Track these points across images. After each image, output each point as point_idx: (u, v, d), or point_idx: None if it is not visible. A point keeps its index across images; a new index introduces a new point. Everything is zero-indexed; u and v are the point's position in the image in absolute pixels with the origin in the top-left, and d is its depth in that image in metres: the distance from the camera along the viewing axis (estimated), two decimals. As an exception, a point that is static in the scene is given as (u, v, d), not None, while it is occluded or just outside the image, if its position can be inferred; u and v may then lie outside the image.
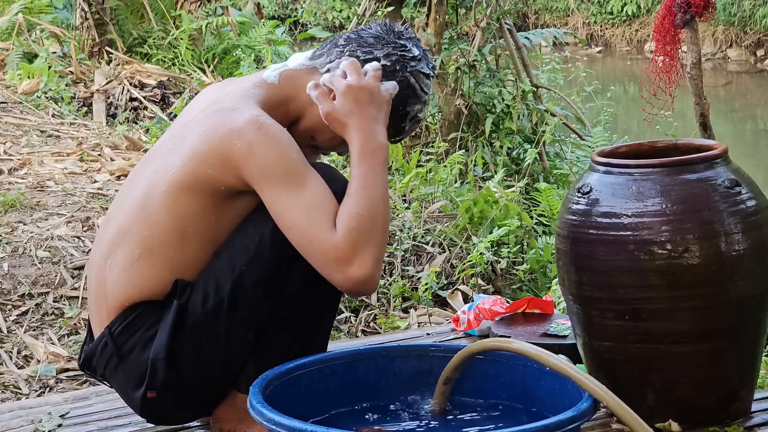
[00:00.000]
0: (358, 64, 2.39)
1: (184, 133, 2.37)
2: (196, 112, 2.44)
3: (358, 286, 2.24)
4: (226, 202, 2.31)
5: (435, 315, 4.03)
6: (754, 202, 2.34)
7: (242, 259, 2.30)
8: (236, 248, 2.31)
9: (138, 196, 2.37)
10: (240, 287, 2.30)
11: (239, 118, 2.29)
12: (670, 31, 3.80)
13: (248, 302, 2.31)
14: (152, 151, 2.47)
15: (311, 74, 2.44)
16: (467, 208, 4.65)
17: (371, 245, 2.24)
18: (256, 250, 2.30)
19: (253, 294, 2.30)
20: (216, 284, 2.30)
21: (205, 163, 2.29)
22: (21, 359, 3.59)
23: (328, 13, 19.28)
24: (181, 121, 2.49)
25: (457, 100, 6.44)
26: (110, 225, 2.43)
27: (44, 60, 7.34)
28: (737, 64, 16.18)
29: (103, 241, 2.42)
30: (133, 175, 2.47)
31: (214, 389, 2.40)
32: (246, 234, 2.31)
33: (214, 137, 2.29)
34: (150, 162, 2.43)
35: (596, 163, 2.43)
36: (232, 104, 2.35)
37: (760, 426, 2.38)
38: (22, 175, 5.09)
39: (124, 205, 2.41)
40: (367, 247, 2.23)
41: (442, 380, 2.31)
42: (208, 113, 2.36)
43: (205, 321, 2.30)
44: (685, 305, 2.29)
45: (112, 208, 2.48)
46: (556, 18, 19.00)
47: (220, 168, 2.28)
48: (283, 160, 2.26)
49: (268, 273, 2.30)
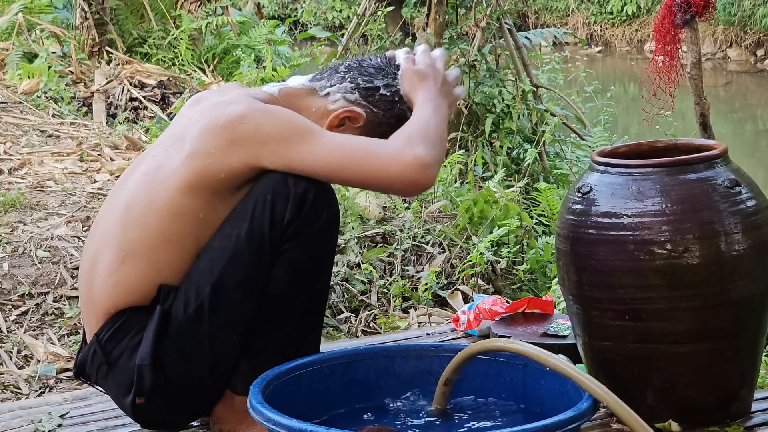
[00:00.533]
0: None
1: (181, 135, 2.37)
2: (191, 114, 2.44)
3: (418, 170, 2.23)
4: (217, 200, 2.30)
5: (435, 315, 4.03)
6: (754, 202, 2.34)
7: (220, 261, 2.29)
8: (214, 250, 2.30)
9: (125, 200, 2.37)
10: (220, 289, 2.29)
11: (237, 107, 2.31)
12: (670, 31, 3.80)
13: (229, 304, 2.30)
14: (143, 155, 2.46)
15: (310, 95, 2.46)
16: (467, 208, 4.64)
17: (426, 141, 2.26)
18: (233, 251, 2.29)
19: (233, 295, 2.29)
20: (196, 288, 2.30)
21: (207, 153, 2.28)
22: (21, 359, 3.59)
23: (328, 13, 19.28)
24: (175, 124, 2.49)
25: (457, 99, 6.43)
26: (97, 230, 2.43)
27: (44, 60, 7.34)
28: (737, 64, 16.18)
29: (90, 247, 2.42)
30: (122, 180, 2.46)
31: (204, 393, 2.39)
32: (223, 235, 2.30)
33: (214, 128, 2.29)
34: (140, 165, 2.42)
35: (596, 163, 2.43)
36: (230, 100, 2.36)
37: (760, 426, 2.38)
38: (22, 175, 5.09)
39: (111, 209, 2.40)
40: (422, 141, 2.26)
41: (443, 381, 2.31)
42: (205, 111, 2.37)
43: (187, 325, 2.30)
44: (685, 305, 2.29)
45: (101, 213, 2.47)
46: (556, 18, 18.99)
47: (222, 153, 2.27)
48: (294, 121, 2.30)
49: (247, 273, 2.29)
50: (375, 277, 4.23)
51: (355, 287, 4.19)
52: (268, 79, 7.08)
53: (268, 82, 7.03)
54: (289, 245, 2.28)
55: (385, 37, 6.91)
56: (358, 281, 4.22)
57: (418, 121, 2.33)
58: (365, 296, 4.19)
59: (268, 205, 2.27)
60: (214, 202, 2.30)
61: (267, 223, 2.27)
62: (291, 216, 2.27)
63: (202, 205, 2.30)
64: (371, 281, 4.24)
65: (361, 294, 4.19)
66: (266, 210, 2.27)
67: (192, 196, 2.29)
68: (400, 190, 2.30)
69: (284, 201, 2.27)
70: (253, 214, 2.28)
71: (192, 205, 2.29)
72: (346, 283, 4.17)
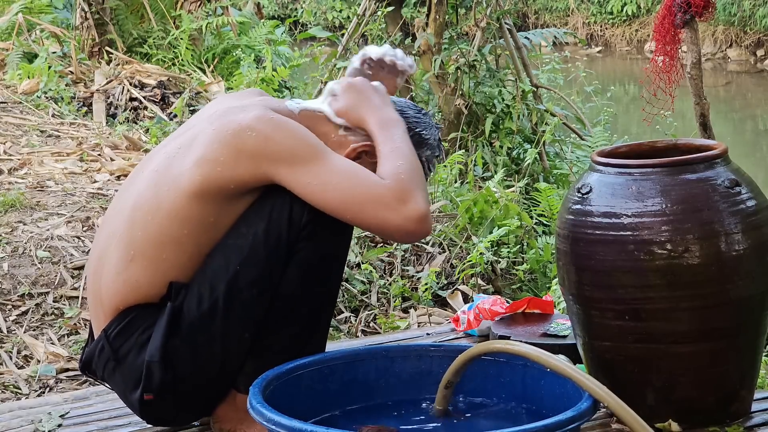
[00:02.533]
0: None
1: (193, 135, 2.37)
2: (207, 114, 2.44)
3: (416, 223, 2.25)
4: (227, 204, 2.31)
5: (435, 315, 4.03)
6: (754, 202, 2.34)
7: (236, 259, 2.29)
8: (229, 248, 2.31)
9: (133, 198, 2.37)
10: (235, 287, 2.29)
11: (248, 115, 2.31)
12: (670, 31, 3.80)
13: (243, 302, 2.30)
14: (152, 154, 2.47)
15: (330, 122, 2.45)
16: (467, 208, 4.64)
17: (419, 187, 2.28)
18: (249, 249, 2.29)
19: (248, 293, 2.30)
20: (210, 285, 2.30)
21: (216, 161, 2.28)
22: (21, 359, 3.59)
23: (328, 13, 19.27)
24: (191, 123, 2.49)
25: (457, 100, 6.44)
26: (105, 227, 2.44)
27: (44, 60, 7.34)
28: (737, 64, 16.17)
29: (99, 244, 2.43)
30: (131, 178, 2.47)
31: (212, 390, 2.39)
32: (239, 233, 2.31)
33: (224, 135, 2.30)
34: (151, 161, 2.43)
35: (596, 163, 2.43)
36: (243, 107, 2.36)
37: (760, 426, 2.38)
38: (22, 175, 5.09)
39: (119, 207, 2.41)
40: (416, 188, 2.28)
41: (444, 384, 2.31)
42: (218, 116, 2.37)
43: (200, 322, 2.30)
44: (685, 305, 2.29)
45: (109, 211, 2.48)
46: (556, 18, 18.98)
47: (231, 163, 2.27)
48: (303, 140, 2.29)
49: (262, 272, 2.30)
50: (375, 277, 4.23)
51: (355, 287, 4.19)
52: (268, 79, 7.08)
53: (268, 82, 7.03)
54: (303, 245, 2.29)
55: (385, 37, 6.91)
56: (358, 281, 4.22)
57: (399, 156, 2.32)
58: (365, 296, 4.19)
59: (287, 206, 2.28)
60: (222, 206, 2.31)
61: (285, 224, 2.28)
62: (309, 217, 2.28)
63: (209, 210, 2.30)
64: (371, 281, 4.24)
65: (361, 294, 4.19)
66: (284, 210, 2.28)
67: (199, 202, 2.29)
68: (398, 239, 2.38)
69: (303, 202, 2.27)
70: (271, 214, 2.29)
71: (199, 210, 2.30)
72: (346, 283, 4.17)
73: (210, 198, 2.29)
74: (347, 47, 6.93)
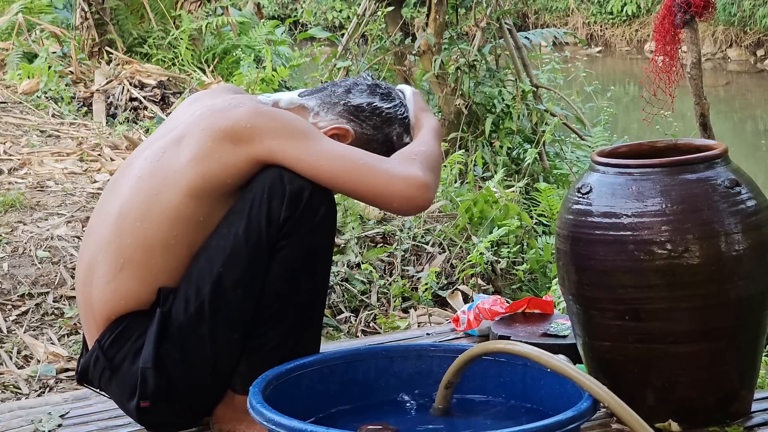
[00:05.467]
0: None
1: (178, 137, 2.36)
2: (186, 116, 2.43)
3: (417, 189, 2.28)
4: (219, 202, 2.31)
5: (435, 315, 4.03)
6: (754, 202, 2.34)
7: (219, 261, 2.30)
8: (212, 250, 2.31)
9: (118, 206, 2.36)
10: (220, 288, 2.29)
11: (243, 109, 2.34)
12: (670, 31, 3.80)
13: (229, 302, 2.30)
14: (131, 159, 2.45)
15: (302, 111, 2.49)
16: (467, 208, 4.64)
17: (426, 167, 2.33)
18: (231, 249, 2.29)
19: (233, 294, 2.30)
20: (196, 288, 2.30)
21: (212, 158, 2.29)
22: (21, 359, 3.59)
23: (328, 13, 19.27)
24: (168, 126, 2.47)
25: (457, 100, 6.44)
26: (91, 236, 2.43)
27: (44, 60, 7.34)
28: (737, 64, 16.17)
29: (86, 253, 2.41)
30: (113, 184, 2.45)
31: (208, 393, 2.39)
32: (221, 234, 2.31)
33: (219, 131, 2.31)
34: (130, 168, 2.41)
35: (596, 163, 2.43)
36: (234, 104, 2.37)
37: (760, 426, 2.38)
38: (22, 175, 5.09)
39: (104, 215, 2.40)
40: (422, 164, 2.33)
41: (444, 384, 2.31)
42: (204, 114, 2.37)
43: (188, 325, 2.30)
44: (685, 305, 2.29)
45: (94, 219, 2.46)
46: (556, 18, 18.99)
47: (229, 155, 2.29)
48: (298, 122, 2.34)
49: (246, 271, 2.29)
50: (375, 277, 4.23)
51: (355, 287, 4.19)
52: (268, 79, 7.08)
53: (268, 82, 7.03)
54: (285, 242, 2.29)
55: (385, 37, 6.91)
56: (358, 281, 4.22)
57: (423, 144, 2.42)
58: (365, 296, 4.19)
59: (265, 203, 2.28)
60: (216, 204, 2.31)
61: (264, 221, 2.28)
62: (287, 213, 2.28)
63: (204, 208, 2.30)
64: (371, 281, 4.24)
65: (361, 294, 4.19)
66: (263, 208, 2.28)
67: (196, 201, 2.29)
68: (398, 207, 2.33)
69: (280, 198, 2.27)
70: (250, 213, 2.29)
71: (195, 209, 2.30)
72: (346, 283, 4.17)
73: (206, 195, 2.29)
74: (347, 47, 6.93)
